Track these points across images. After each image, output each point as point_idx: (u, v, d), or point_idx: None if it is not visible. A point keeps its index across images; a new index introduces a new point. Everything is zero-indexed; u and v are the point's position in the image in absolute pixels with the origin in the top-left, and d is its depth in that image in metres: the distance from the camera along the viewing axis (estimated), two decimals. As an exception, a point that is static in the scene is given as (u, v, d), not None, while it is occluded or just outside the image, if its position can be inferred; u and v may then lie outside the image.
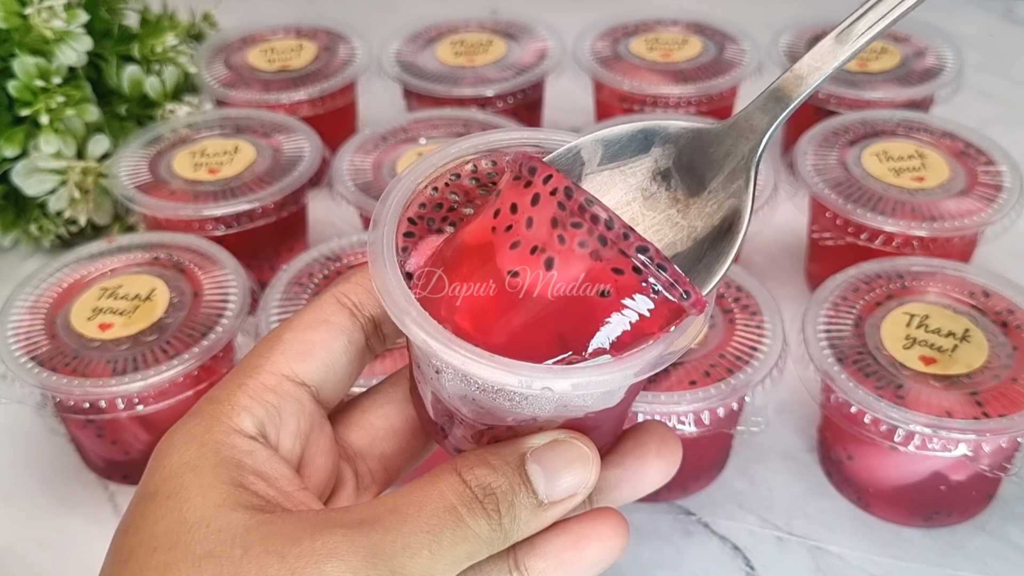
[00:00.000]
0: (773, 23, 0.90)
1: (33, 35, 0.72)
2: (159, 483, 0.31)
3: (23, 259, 0.79)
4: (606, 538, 0.34)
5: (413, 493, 0.31)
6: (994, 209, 0.65)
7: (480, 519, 0.31)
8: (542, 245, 0.31)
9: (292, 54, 0.88)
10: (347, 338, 0.35)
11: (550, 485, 0.32)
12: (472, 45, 0.90)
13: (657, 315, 0.30)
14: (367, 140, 0.76)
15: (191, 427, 0.32)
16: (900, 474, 0.54)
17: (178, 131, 0.77)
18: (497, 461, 0.32)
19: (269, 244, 0.73)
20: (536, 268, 0.31)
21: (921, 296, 0.58)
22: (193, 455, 0.31)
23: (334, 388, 0.36)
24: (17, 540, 0.57)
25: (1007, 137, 0.73)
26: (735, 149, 0.33)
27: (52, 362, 0.55)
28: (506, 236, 0.31)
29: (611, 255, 0.30)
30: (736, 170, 0.33)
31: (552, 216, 0.31)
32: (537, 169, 0.32)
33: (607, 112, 0.85)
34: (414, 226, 0.34)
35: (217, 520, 0.29)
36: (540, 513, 0.32)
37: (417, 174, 0.35)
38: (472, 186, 0.35)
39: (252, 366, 0.34)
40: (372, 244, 0.33)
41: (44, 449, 0.63)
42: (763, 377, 0.53)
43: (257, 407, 0.33)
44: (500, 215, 0.32)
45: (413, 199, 0.35)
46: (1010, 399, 0.51)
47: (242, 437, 0.32)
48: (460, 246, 0.32)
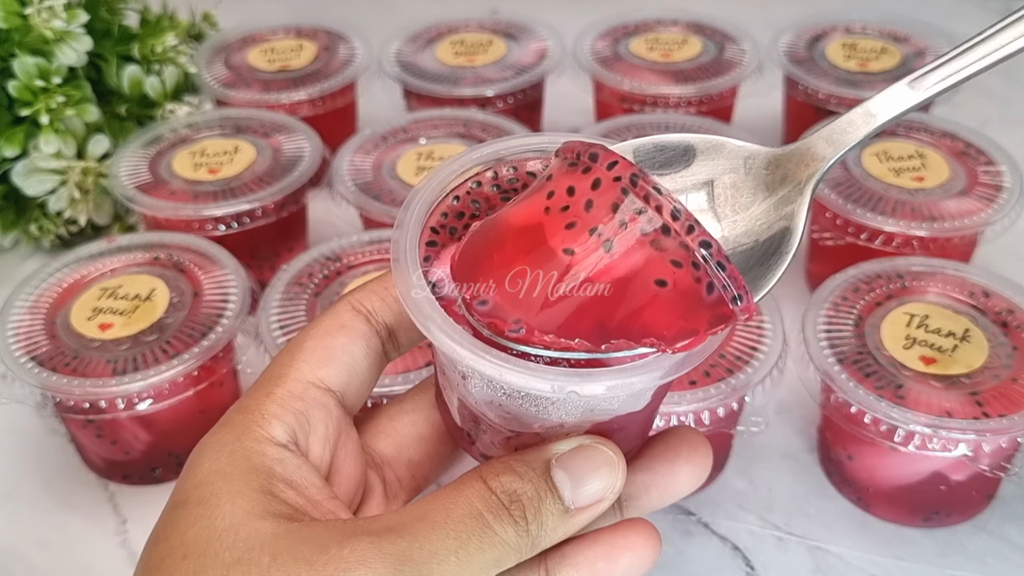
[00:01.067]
0: (773, 23, 0.90)
1: (33, 35, 0.72)
2: (190, 491, 0.31)
3: (23, 259, 0.79)
4: (638, 548, 0.34)
5: (439, 500, 0.31)
6: (994, 209, 0.65)
7: (507, 525, 0.30)
8: (601, 228, 0.30)
9: (292, 54, 0.88)
10: (366, 343, 0.35)
11: (577, 491, 0.32)
12: (472, 45, 0.90)
13: (707, 314, 0.30)
14: (367, 140, 0.76)
15: (221, 436, 0.33)
16: (900, 474, 0.54)
17: (178, 131, 0.77)
18: (523, 468, 0.32)
19: (269, 244, 0.73)
20: (594, 249, 0.30)
21: (921, 296, 0.58)
22: (223, 463, 0.32)
23: (357, 393, 0.36)
24: (17, 540, 0.57)
25: (1007, 137, 0.73)
26: (792, 174, 0.33)
27: (52, 362, 0.55)
28: (561, 216, 0.31)
29: (672, 246, 0.30)
30: (790, 195, 0.32)
31: (614, 201, 0.30)
32: (599, 155, 0.31)
33: (607, 112, 0.85)
34: (436, 235, 0.34)
35: (246, 527, 0.30)
36: (567, 519, 0.32)
37: (438, 182, 0.35)
38: (494, 193, 0.35)
39: (277, 375, 0.34)
40: (395, 251, 0.33)
41: (44, 449, 0.63)
42: (763, 377, 0.53)
43: (286, 414, 0.33)
44: (554, 197, 0.31)
45: (435, 207, 0.35)
46: (1010, 399, 0.51)
47: (272, 445, 0.32)
48: (503, 227, 0.32)
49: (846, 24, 0.89)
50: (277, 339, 0.57)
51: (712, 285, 0.30)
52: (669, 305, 0.30)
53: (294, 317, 0.58)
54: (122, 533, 0.57)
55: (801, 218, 0.32)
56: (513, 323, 0.30)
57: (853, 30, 0.88)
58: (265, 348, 0.57)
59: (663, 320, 0.30)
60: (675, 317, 0.30)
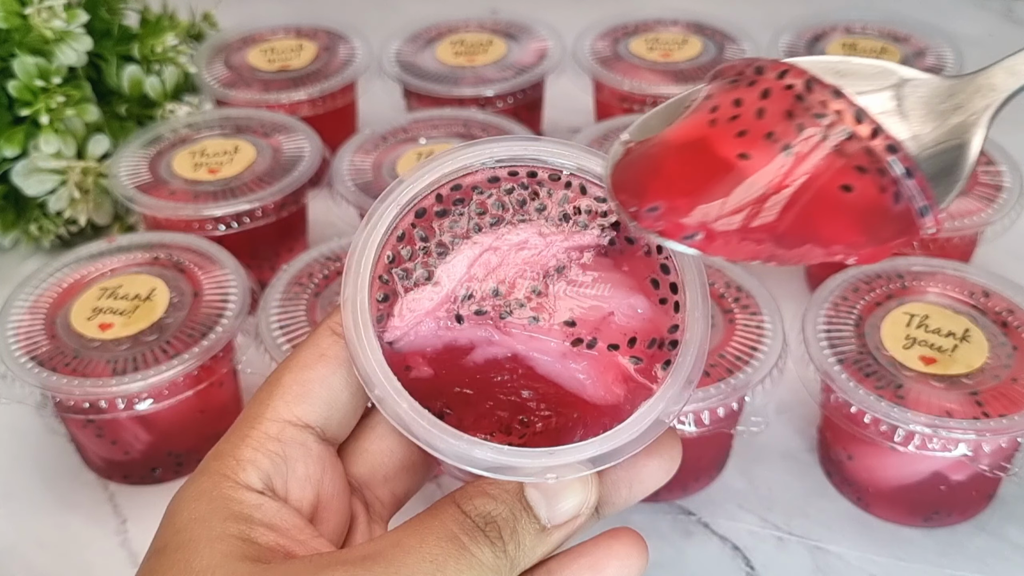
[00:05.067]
0: (773, 23, 0.90)
1: (33, 35, 0.72)
2: (169, 538, 0.31)
3: (23, 259, 0.79)
4: (623, 556, 0.34)
5: (414, 526, 0.31)
6: (994, 209, 0.65)
7: (483, 546, 0.30)
8: (778, 134, 0.28)
9: (292, 54, 0.88)
10: (347, 370, 0.34)
11: (552, 509, 0.32)
12: (472, 45, 0.90)
13: (892, 223, 0.28)
14: (367, 140, 0.76)
15: (200, 484, 0.32)
16: (900, 474, 0.54)
17: (178, 131, 0.77)
18: (496, 490, 0.32)
19: (269, 244, 0.73)
20: (772, 154, 0.28)
21: (921, 296, 0.58)
22: (203, 510, 0.31)
23: (340, 424, 0.35)
24: (17, 540, 0.57)
25: (1007, 137, 0.73)
26: (967, 104, 0.31)
27: (52, 362, 0.55)
28: (730, 126, 0.29)
29: (856, 150, 0.28)
30: (963, 125, 0.31)
31: (788, 108, 0.29)
32: (765, 67, 0.30)
33: (607, 112, 0.85)
34: (386, 285, 0.33)
35: (223, 569, 0.29)
36: (544, 538, 0.32)
37: (381, 226, 0.33)
38: (440, 219, 0.34)
39: (254, 415, 0.34)
40: (345, 321, 0.32)
41: (44, 449, 0.63)
42: (763, 377, 0.53)
43: (262, 459, 0.33)
44: (719, 110, 0.29)
45: (381, 252, 0.33)
46: (1010, 399, 0.51)
47: (249, 492, 0.32)
48: (663, 147, 0.30)
49: (846, 24, 0.89)
50: (277, 339, 0.57)
51: (899, 194, 0.28)
52: (855, 212, 0.28)
53: (294, 317, 0.58)
54: (122, 533, 0.57)
55: (978, 144, 0.30)
56: (693, 226, 0.28)
57: (853, 30, 0.88)
58: (265, 348, 0.57)
59: (849, 228, 0.28)
60: (861, 225, 0.28)
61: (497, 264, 0.33)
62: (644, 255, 0.33)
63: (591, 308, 0.32)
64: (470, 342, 0.32)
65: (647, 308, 0.33)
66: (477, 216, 0.34)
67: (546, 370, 0.32)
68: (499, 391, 0.32)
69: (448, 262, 0.33)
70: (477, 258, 0.33)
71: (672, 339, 0.32)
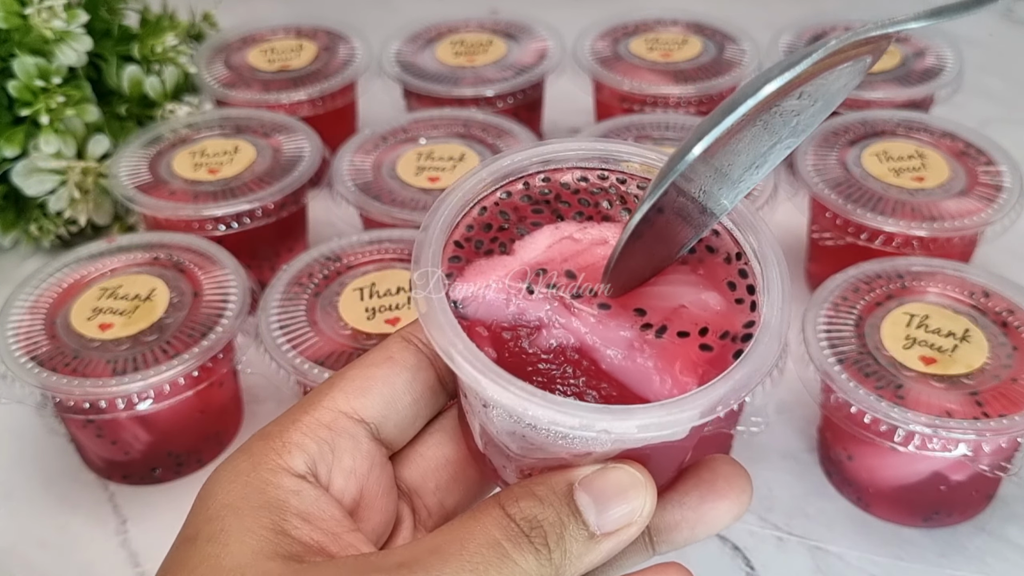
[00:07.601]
0: (773, 23, 0.90)
1: (33, 35, 0.72)
2: (200, 525, 0.30)
3: (23, 259, 0.79)
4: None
5: (455, 531, 0.29)
6: (994, 209, 0.65)
7: (527, 554, 0.29)
8: None
9: (292, 54, 0.88)
10: (411, 375, 0.34)
11: (602, 515, 0.30)
12: (472, 45, 0.90)
13: None
14: (367, 140, 0.76)
15: (238, 463, 0.32)
16: (900, 474, 0.54)
17: (178, 131, 0.77)
18: (544, 492, 0.30)
19: (269, 244, 0.73)
20: None
21: (921, 296, 0.58)
22: (236, 496, 0.31)
23: (397, 426, 0.34)
24: (17, 540, 0.57)
25: (1007, 137, 0.73)
26: None
27: (52, 362, 0.55)
28: None
29: None
30: None
31: None
32: None
33: (607, 112, 0.85)
34: (461, 249, 0.33)
35: (253, 568, 0.29)
36: (593, 546, 0.30)
37: (462, 194, 0.34)
38: (524, 204, 0.34)
39: (310, 402, 0.33)
40: (416, 271, 0.31)
41: (44, 449, 0.63)
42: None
43: (309, 443, 0.32)
44: None
45: (460, 220, 0.33)
46: (1010, 399, 0.51)
47: (289, 476, 0.31)
48: None
49: (846, 24, 0.89)
50: (277, 339, 0.57)
51: None
52: None
53: (294, 317, 0.58)
54: (122, 533, 0.57)
55: None
56: None
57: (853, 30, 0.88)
58: (265, 348, 0.56)
59: None
60: None
61: (575, 252, 0.33)
62: (723, 262, 0.34)
63: (663, 299, 0.32)
64: (538, 320, 0.31)
65: (721, 304, 0.32)
66: (562, 207, 0.34)
67: (611, 366, 0.31)
68: (561, 385, 0.30)
69: (526, 239, 0.33)
70: (557, 242, 0.33)
71: (746, 333, 0.32)
